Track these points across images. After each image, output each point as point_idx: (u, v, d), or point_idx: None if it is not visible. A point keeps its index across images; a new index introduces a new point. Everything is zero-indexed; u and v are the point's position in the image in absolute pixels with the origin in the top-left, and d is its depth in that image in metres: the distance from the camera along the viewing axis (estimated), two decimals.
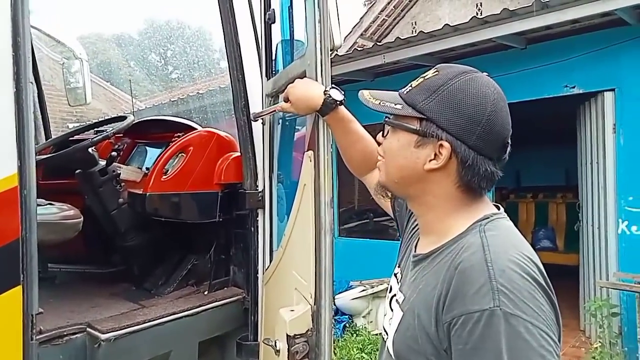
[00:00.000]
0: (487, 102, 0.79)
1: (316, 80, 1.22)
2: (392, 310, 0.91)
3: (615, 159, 3.68)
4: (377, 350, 3.93)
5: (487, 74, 0.84)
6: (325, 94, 1.16)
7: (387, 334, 0.91)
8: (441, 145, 0.79)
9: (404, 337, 0.80)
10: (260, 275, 1.88)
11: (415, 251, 0.90)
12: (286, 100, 1.26)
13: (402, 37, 4.19)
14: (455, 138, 0.78)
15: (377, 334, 4.39)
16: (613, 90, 3.71)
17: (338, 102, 1.15)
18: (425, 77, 0.83)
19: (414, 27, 8.28)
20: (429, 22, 8.10)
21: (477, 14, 6.97)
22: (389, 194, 0.94)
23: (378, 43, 4.20)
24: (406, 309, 0.82)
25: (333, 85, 1.17)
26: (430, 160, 0.81)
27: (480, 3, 7.46)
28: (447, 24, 3.84)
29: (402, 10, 8.56)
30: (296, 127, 1.86)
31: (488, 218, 0.79)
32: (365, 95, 0.88)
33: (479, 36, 3.81)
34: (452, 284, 0.72)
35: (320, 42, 1.20)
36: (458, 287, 0.71)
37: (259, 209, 1.88)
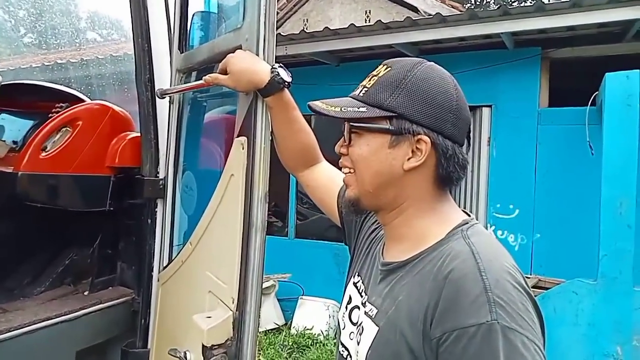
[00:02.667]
0: (451, 87, 0.77)
1: None
2: (354, 324, 0.82)
3: (489, 169, 4.08)
4: (297, 348, 3.86)
5: None
6: (272, 72, 1.01)
7: (348, 350, 0.82)
8: (419, 140, 0.74)
9: (383, 355, 0.72)
10: (155, 273, 1.66)
11: (383, 259, 0.82)
12: (223, 72, 1.09)
13: (306, 32, 4.14)
14: (431, 130, 0.74)
15: (266, 330, 4.30)
16: (490, 106, 4.10)
17: (286, 84, 1.02)
18: (379, 75, 0.78)
19: (305, 25, 8.34)
20: (320, 21, 8.22)
21: (365, 20, 7.26)
22: (360, 210, 0.85)
23: (282, 33, 4.10)
24: (382, 323, 0.73)
25: (280, 64, 1.04)
26: (409, 159, 0.75)
27: (369, 10, 7.78)
28: (352, 24, 3.88)
29: (294, 5, 8.56)
30: (210, 110, 1.67)
31: (467, 223, 0.75)
32: (319, 105, 0.80)
33: (380, 41, 3.92)
34: (441, 295, 0.65)
35: (265, 14, 1.05)
36: (449, 298, 0.64)
37: (158, 198, 1.66)
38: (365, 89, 0.78)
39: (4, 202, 1.61)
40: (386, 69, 0.78)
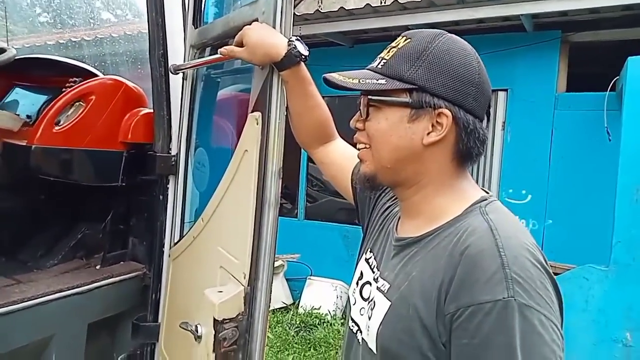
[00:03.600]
0: (473, 59, 0.74)
1: None
2: (365, 299, 0.81)
3: (502, 154, 4.02)
4: (304, 327, 3.90)
5: None
6: (289, 45, 0.99)
7: (358, 326, 0.81)
8: (439, 114, 0.72)
9: (394, 329, 0.71)
10: (166, 249, 1.67)
11: (397, 234, 0.81)
12: (239, 44, 1.06)
13: (322, 11, 4.07)
14: (452, 104, 0.72)
15: (274, 309, 4.35)
16: (506, 90, 4.03)
17: (303, 57, 1.00)
18: (398, 47, 0.75)
19: (320, 5, 8.22)
20: (335, 2, 8.10)
21: (381, 1, 7.12)
22: (376, 186, 0.83)
23: (296, 13, 4.04)
24: (395, 298, 0.72)
25: (297, 37, 1.01)
26: (429, 133, 0.72)
27: None
28: (368, 4, 3.81)
29: None
30: (224, 87, 1.66)
31: (486, 200, 0.73)
32: (336, 77, 0.77)
33: (396, 22, 3.85)
34: (457, 270, 0.64)
35: None
36: (465, 274, 0.63)
37: (170, 175, 1.66)
38: (384, 60, 0.75)
39: (18, 175, 1.62)
40: (406, 40, 0.75)
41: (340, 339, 3.85)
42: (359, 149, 0.81)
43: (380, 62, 0.76)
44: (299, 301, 4.50)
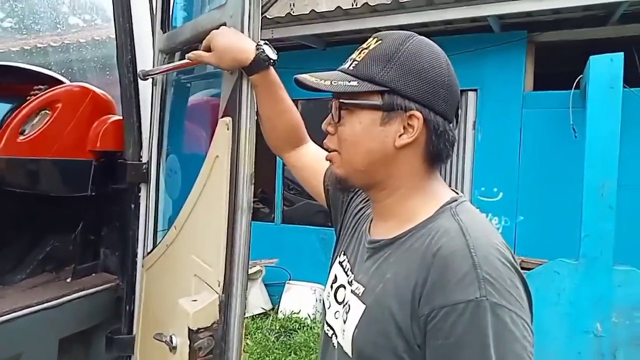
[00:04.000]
0: (443, 62, 0.75)
1: None
2: (340, 303, 0.81)
3: (474, 153, 4.10)
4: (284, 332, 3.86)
5: None
6: (257, 49, 0.98)
7: (333, 330, 0.81)
8: (410, 116, 0.72)
9: (370, 332, 0.71)
10: (139, 259, 1.64)
11: (370, 236, 0.81)
12: (207, 49, 1.05)
13: (293, 14, 4.08)
14: (423, 106, 0.72)
15: (254, 315, 4.31)
16: (475, 90, 4.11)
17: (272, 61, 0.99)
18: (369, 48, 0.75)
19: (291, 8, 8.23)
20: (307, 5, 8.12)
21: (352, 3, 7.17)
22: (347, 188, 0.83)
23: (268, 16, 4.03)
24: (370, 301, 0.72)
25: (265, 41, 1.01)
26: (401, 135, 0.73)
27: None
28: (339, 7, 3.84)
29: None
30: (194, 92, 1.64)
31: (456, 201, 0.74)
32: (308, 78, 0.76)
33: (366, 24, 3.89)
34: (429, 272, 0.65)
35: None
36: (438, 275, 0.64)
37: (141, 183, 1.63)
38: (355, 62, 0.75)
39: None
40: (377, 41, 0.75)
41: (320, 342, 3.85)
42: (328, 153, 0.81)
43: (351, 63, 0.76)
44: (278, 306, 4.48)
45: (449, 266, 0.63)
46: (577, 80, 3.51)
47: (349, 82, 0.73)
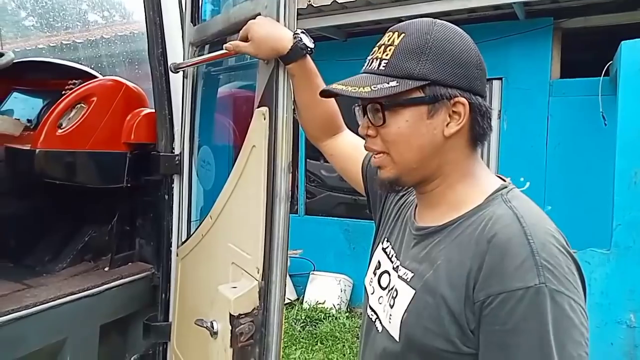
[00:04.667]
0: (469, 42, 0.75)
1: None
2: (384, 288, 0.82)
3: (499, 142, 4.04)
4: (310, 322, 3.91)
5: None
6: (295, 38, 0.99)
7: (377, 314, 0.82)
8: (455, 103, 0.72)
9: (420, 317, 0.71)
10: (173, 248, 1.67)
11: (417, 223, 0.81)
12: (244, 39, 1.05)
13: (314, 5, 4.07)
14: (464, 90, 0.72)
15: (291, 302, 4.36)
16: (501, 79, 4.04)
17: (309, 50, 1.00)
18: (394, 44, 0.73)
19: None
20: None
21: None
22: (401, 188, 0.83)
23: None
24: (420, 286, 0.73)
25: (302, 30, 1.01)
26: (448, 124, 0.73)
27: None
28: None
29: None
30: (225, 84, 1.66)
31: (506, 187, 0.74)
32: (342, 88, 0.74)
33: (388, 14, 3.85)
34: (485, 258, 0.65)
35: None
36: (494, 262, 0.64)
37: (174, 174, 1.66)
38: (385, 61, 0.73)
39: (23, 180, 1.62)
40: (400, 35, 0.73)
41: (346, 332, 3.87)
42: (374, 157, 0.80)
43: (380, 63, 0.74)
44: (303, 296, 4.52)
45: (507, 253, 0.63)
46: (606, 67, 3.42)
47: (388, 83, 0.71)
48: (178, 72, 1.59)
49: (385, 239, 0.89)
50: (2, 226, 1.73)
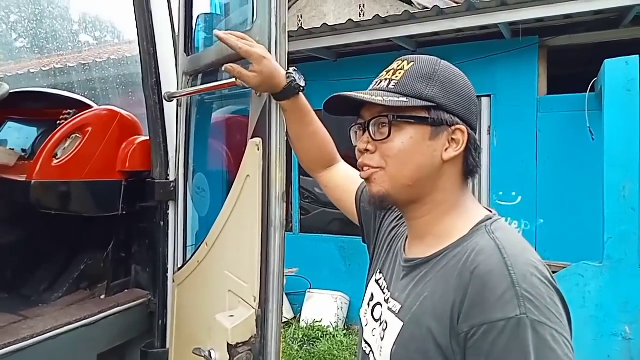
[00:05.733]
0: (469, 82, 0.80)
1: None
2: (377, 320, 0.83)
3: (490, 158, 4.09)
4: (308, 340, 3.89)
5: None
6: (288, 77, 1.02)
7: (370, 347, 0.83)
8: (455, 130, 0.75)
9: (408, 349, 0.72)
10: (169, 274, 1.68)
11: (406, 255, 0.83)
12: (247, 54, 1.01)
13: (304, 29, 4.14)
14: (463, 121, 0.76)
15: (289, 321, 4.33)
16: (489, 96, 4.11)
17: (301, 88, 1.03)
18: (404, 69, 0.77)
19: (299, 21, 8.32)
20: (314, 17, 8.20)
21: (360, 15, 7.25)
22: (387, 206, 0.84)
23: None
24: (407, 318, 0.74)
25: (295, 68, 1.04)
26: (447, 149, 0.76)
27: (363, 4, 7.77)
28: (350, 19, 3.89)
29: (289, 2, 8.52)
30: (219, 111, 1.69)
31: (490, 219, 0.76)
32: (353, 94, 0.77)
33: (378, 35, 3.92)
34: (468, 290, 0.66)
35: (277, 16, 1.06)
36: (477, 293, 0.65)
37: (169, 200, 1.67)
38: (395, 81, 0.77)
39: (18, 210, 1.63)
40: (410, 62, 0.78)
41: (344, 350, 3.85)
42: (366, 171, 0.80)
43: (390, 82, 0.77)
44: (300, 315, 4.50)
45: (488, 284, 0.64)
46: (592, 82, 3.50)
47: (398, 98, 0.75)
48: (172, 100, 1.62)
49: (379, 271, 0.90)
50: None
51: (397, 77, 0.77)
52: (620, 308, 2.76)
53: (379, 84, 0.79)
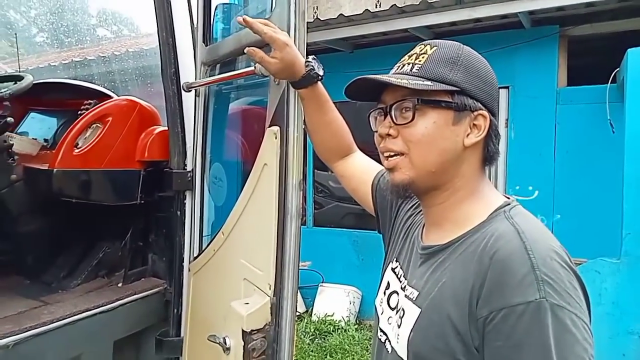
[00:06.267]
0: (490, 67, 0.79)
1: None
2: (393, 308, 0.83)
3: (507, 151, 4.04)
4: (319, 335, 3.92)
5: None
6: (307, 65, 1.02)
7: (386, 335, 0.83)
8: (477, 116, 0.75)
9: (426, 335, 0.72)
10: (185, 264, 1.70)
11: (423, 242, 0.83)
12: (269, 39, 1.00)
13: (320, 19, 4.12)
14: (485, 106, 0.76)
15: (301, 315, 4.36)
16: (507, 87, 4.05)
17: (320, 77, 1.03)
18: (427, 53, 0.77)
19: (315, 12, 8.28)
20: (330, 8, 8.15)
21: (376, 5, 7.16)
22: (411, 193, 0.82)
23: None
24: (425, 305, 0.74)
25: (314, 56, 1.04)
26: (468, 135, 0.75)
27: None
28: (367, 10, 3.86)
29: None
30: (236, 102, 1.69)
31: (509, 204, 0.75)
32: (379, 76, 0.76)
33: (395, 25, 3.89)
34: (487, 275, 0.65)
35: (296, 3, 1.06)
36: (496, 278, 0.64)
37: (187, 190, 1.69)
38: (418, 65, 0.76)
39: (40, 198, 1.66)
40: (433, 47, 0.77)
41: (355, 344, 3.86)
42: (388, 158, 0.79)
43: (413, 66, 0.76)
44: (312, 309, 4.51)
45: (507, 268, 0.64)
46: (613, 74, 3.42)
47: (423, 82, 0.74)
48: (190, 91, 1.63)
49: (395, 259, 0.90)
50: (19, 244, 1.77)
51: (420, 61, 0.77)
52: (637, 305, 2.71)
53: (401, 67, 0.79)
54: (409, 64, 0.78)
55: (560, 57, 3.89)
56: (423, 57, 0.77)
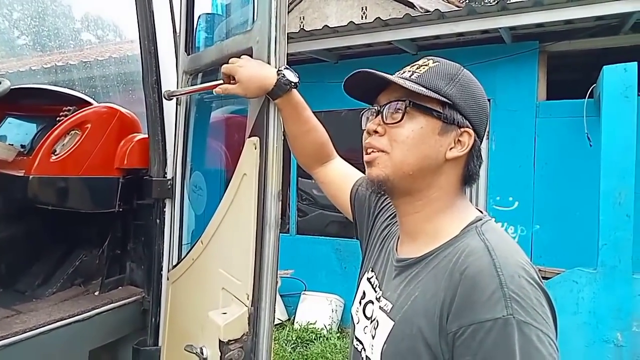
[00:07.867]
0: (485, 93, 0.82)
1: (268, 61, 1.09)
2: (368, 318, 0.84)
3: (488, 163, 4.11)
4: (301, 343, 3.89)
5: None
6: (278, 74, 1.04)
7: (362, 344, 0.84)
8: (463, 132, 0.77)
9: (398, 348, 0.73)
10: (164, 272, 1.68)
11: (397, 254, 0.84)
12: (227, 80, 1.10)
13: (305, 30, 4.15)
14: (472, 126, 0.78)
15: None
16: (489, 100, 4.11)
17: (293, 84, 1.05)
18: (428, 65, 0.80)
19: (301, 22, 8.34)
20: (317, 18, 8.23)
21: (362, 17, 7.26)
22: (384, 191, 0.83)
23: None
24: (398, 318, 0.75)
25: (286, 66, 1.06)
26: (451, 149, 0.77)
27: (365, 7, 7.80)
28: (352, 22, 3.90)
29: (290, 3, 8.56)
30: (217, 111, 1.69)
31: (481, 220, 0.77)
32: (376, 72, 0.80)
33: (379, 37, 3.94)
34: (457, 290, 0.67)
35: (276, 16, 1.07)
36: (466, 294, 0.66)
37: (166, 198, 1.68)
38: (417, 74, 0.79)
39: (16, 205, 1.63)
40: (435, 62, 0.80)
41: (337, 352, 3.86)
42: (369, 153, 0.81)
43: (413, 74, 0.79)
44: (294, 317, 4.50)
45: (477, 285, 0.65)
46: (590, 89, 3.52)
47: (418, 87, 0.76)
48: (172, 99, 1.62)
49: (371, 269, 0.92)
50: None
51: (420, 71, 0.80)
52: (613, 315, 2.77)
53: (402, 74, 0.81)
54: (409, 71, 0.81)
55: (540, 71, 3.99)
56: (424, 68, 0.80)
